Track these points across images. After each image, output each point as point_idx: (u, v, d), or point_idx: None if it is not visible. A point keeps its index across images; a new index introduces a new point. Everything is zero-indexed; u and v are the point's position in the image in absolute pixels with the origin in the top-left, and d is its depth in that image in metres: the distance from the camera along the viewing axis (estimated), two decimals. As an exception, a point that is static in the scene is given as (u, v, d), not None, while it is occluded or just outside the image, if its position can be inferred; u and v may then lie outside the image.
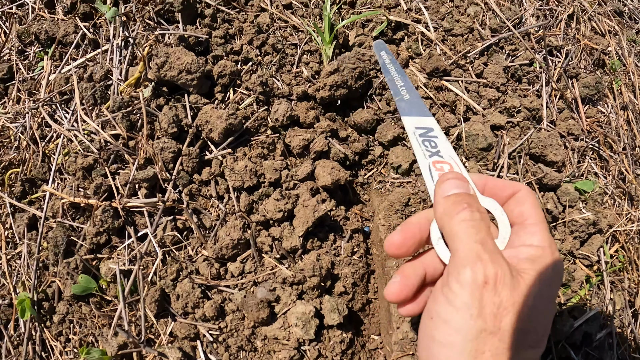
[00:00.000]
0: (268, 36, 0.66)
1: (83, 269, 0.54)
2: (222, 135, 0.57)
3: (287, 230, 0.54)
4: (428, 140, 0.35)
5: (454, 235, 0.29)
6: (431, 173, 0.34)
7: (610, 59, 0.91)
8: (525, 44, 0.74)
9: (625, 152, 0.79)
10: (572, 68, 0.78)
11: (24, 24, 0.79)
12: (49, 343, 0.56)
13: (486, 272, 0.26)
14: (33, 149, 0.64)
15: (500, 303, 0.26)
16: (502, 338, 0.26)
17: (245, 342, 0.51)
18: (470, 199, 0.30)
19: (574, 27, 0.88)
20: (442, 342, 0.27)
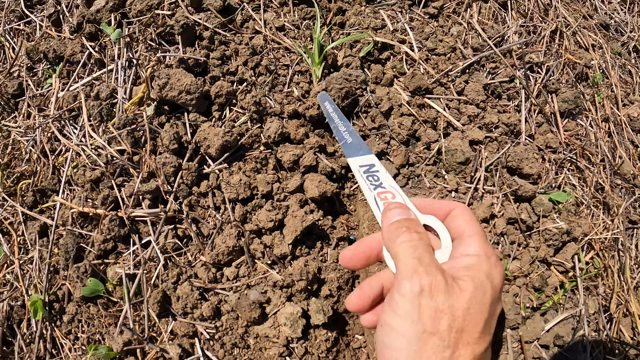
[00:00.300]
0: (262, 57, 0.74)
1: (91, 272, 0.62)
2: (219, 151, 0.65)
3: (278, 238, 0.62)
4: (371, 175, 0.42)
5: (395, 256, 0.35)
6: (377, 203, 0.40)
7: (593, 73, 0.98)
8: (506, 62, 0.82)
9: (604, 163, 0.86)
10: (552, 83, 0.86)
11: (31, 41, 0.88)
12: (59, 341, 0.64)
13: (421, 282, 0.32)
14: (43, 161, 0.73)
15: (437, 307, 0.31)
16: (442, 337, 0.31)
17: (239, 339, 0.59)
18: (409, 222, 0.36)
19: (557, 42, 0.96)
20: (391, 346, 0.32)
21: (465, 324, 0.32)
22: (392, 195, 0.40)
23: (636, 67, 1.10)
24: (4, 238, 0.71)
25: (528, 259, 0.70)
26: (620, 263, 0.78)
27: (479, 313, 0.32)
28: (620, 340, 0.74)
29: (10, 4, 0.96)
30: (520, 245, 0.71)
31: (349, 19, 0.81)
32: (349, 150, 0.45)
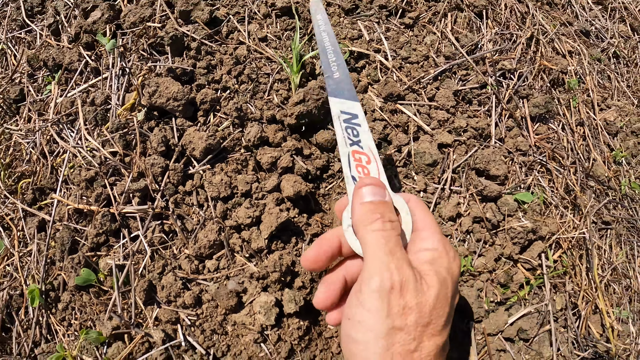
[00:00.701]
0: (245, 67, 0.84)
1: (85, 263, 0.71)
2: (203, 153, 0.75)
3: (255, 234, 0.72)
4: (351, 128, 0.38)
5: (365, 244, 0.35)
6: (349, 163, 0.37)
7: (569, 78, 1.07)
8: (477, 69, 0.91)
9: (575, 166, 0.95)
10: (524, 89, 0.95)
11: (32, 49, 0.99)
12: (54, 327, 0.73)
13: (392, 280, 0.33)
14: (42, 162, 0.83)
15: (405, 304, 0.33)
16: (408, 331, 0.33)
17: (217, 326, 0.68)
18: (384, 208, 0.36)
19: (533, 49, 1.05)
20: (358, 340, 0.34)
21: (431, 319, 0.34)
22: (368, 159, 0.37)
23: (615, 73, 1.18)
24: (5, 233, 0.81)
25: (494, 255, 0.78)
26: (589, 261, 0.86)
27: (443, 308, 0.35)
28: (589, 336, 0.81)
29: (12, 13, 1.07)
30: (487, 242, 0.80)
31: (329, 30, 0.91)
32: (333, 87, 0.40)
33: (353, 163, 0.38)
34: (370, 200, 0.37)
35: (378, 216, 0.36)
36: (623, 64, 1.22)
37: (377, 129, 0.80)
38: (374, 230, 0.36)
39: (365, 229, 0.36)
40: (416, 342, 0.34)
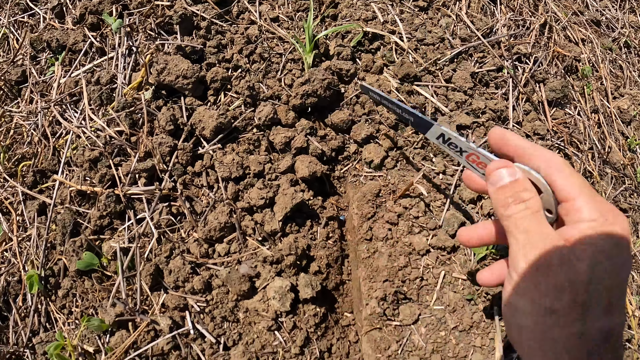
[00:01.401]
0: (256, 46, 0.80)
1: (87, 247, 0.66)
2: (213, 133, 0.70)
3: (268, 216, 0.67)
4: (449, 144, 0.46)
5: (506, 230, 0.33)
6: (473, 167, 0.44)
7: (583, 66, 1.04)
8: (494, 52, 0.88)
9: (592, 152, 0.91)
10: (540, 73, 0.91)
11: (35, 32, 0.94)
12: (53, 315, 0.68)
13: (534, 259, 0.30)
14: (44, 143, 0.78)
15: (555, 283, 0.29)
16: (565, 313, 0.29)
17: (229, 313, 0.63)
18: (514, 189, 0.34)
19: (547, 35, 1.02)
20: (519, 325, 0.31)
21: (589, 297, 0.29)
22: (477, 156, 0.44)
23: (627, 62, 1.15)
24: (4, 217, 0.75)
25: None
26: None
27: (602, 283, 0.29)
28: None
29: (16, -2, 1.03)
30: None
31: (341, 11, 0.87)
32: (417, 127, 0.51)
33: (475, 165, 0.44)
34: (500, 186, 0.36)
35: (510, 200, 0.35)
36: (634, 54, 1.19)
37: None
38: (508, 217, 0.34)
39: (502, 216, 0.35)
40: (577, 325, 0.29)
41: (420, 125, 0.51)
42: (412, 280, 0.67)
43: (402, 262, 0.67)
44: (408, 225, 0.70)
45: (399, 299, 0.66)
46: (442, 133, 0.47)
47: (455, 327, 0.66)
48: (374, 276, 0.67)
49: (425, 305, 0.67)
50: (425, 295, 0.67)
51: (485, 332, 0.68)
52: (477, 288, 0.68)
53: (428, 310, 0.66)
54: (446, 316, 0.66)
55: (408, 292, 0.66)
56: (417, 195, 0.71)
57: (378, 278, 0.66)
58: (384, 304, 0.65)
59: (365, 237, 0.69)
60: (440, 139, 0.48)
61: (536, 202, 0.34)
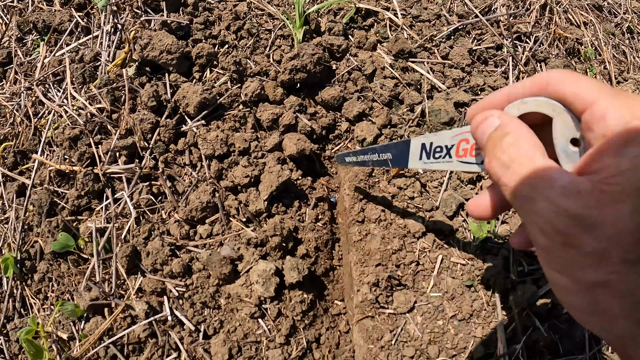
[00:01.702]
0: (244, 22, 0.74)
1: (63, 228, 0.60)
2: (197, 109, 0.64)
3: (253, 195, 0.60)
4: (433, 153, 0.37)
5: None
6: (466, 163, 0.34)
7: (585, 48, 0.96)
8: (493, 30, 0.81)
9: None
10: (541, 52, 0.84)
11: (24, 16, 0.90)
12: (29, 300, 0.62)
13: (553, 234, 0.22)
14: (26, 123, 0.72)
15: (592, 253, 0.21)
16: (618, 281, 0.21)
17: (209, 299, 0.56)
18: (498, 137, 0.26)
19: (547, 16, 0.95)
20: (567, 303, 0.25)
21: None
22: (466, 140, 0.33)
23: (630, 48, 1.08)
24: (-18, 199, 0.70)
25: (518, 221, 0.67)
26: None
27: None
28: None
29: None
30: (511, 209, 0.68)
31: (334, -11, 0.81)
32: (399, 163, 0.42)
33: (469, 157, 0.35)
34: (486, 138, 0.28)
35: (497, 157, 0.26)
36: (637, 40, 1.11)
37: (387, 86, 0.69)
38: (497, 180, 0.26)
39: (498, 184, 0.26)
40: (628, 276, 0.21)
41: (399, 154, 0.42)
42: (407, 264, 0.60)
43: (396, 245, 0.60)
44: (403, 206, 0.63)
45: (393, 285, 0.59)
46: (422, 142, 0.38)
47: (454, 315, 0.59)
48: (365, 260, 0.60)
49: (421, 292, 0.60)
50: (421, 281, 0.60)
51: (486, 321, 0.61)
52: (478, 274, 0.61)
53: (424, 297, 0.59)
54: (444, 304, 0.59)
55: (403, 278, 0.59)
56: (413, 174, 0.65)
57: (370, 262, 0.59)
58: (377, 290, 0.58)
59: (357, 218, 0.62)
60: (423, 152, 0.39)
61: (529, 140, 0.25)
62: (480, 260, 0.63)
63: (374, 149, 0.48)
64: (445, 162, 0.37)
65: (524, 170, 0.24)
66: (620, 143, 0.21)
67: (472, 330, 0.60)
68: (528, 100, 0.27)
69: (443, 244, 0.62)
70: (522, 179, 0.24)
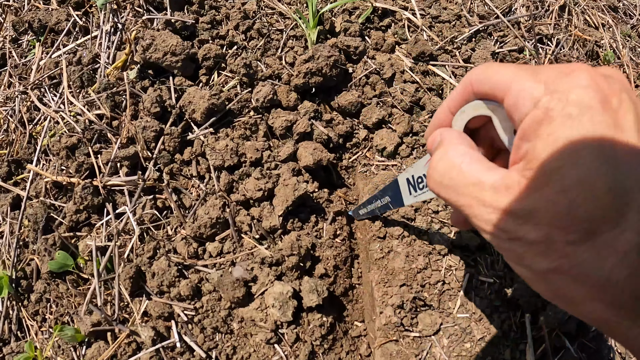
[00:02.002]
0: (254, 22, 0.66)
1: (61, 245, 0.53)
2: (205, 115, 0.57)
3: (267, 210, 0.54)
4: (417, 186, 0.37)
5: None
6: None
7: (604, 51, 0.90)
8: (514, 32, 0.74)
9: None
10: (563, 55, 0.78)
11: (19, 15, 0.82)
12: (25, 322, 0.55)
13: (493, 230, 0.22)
14: (21, 130, 0.65)
15: (537, 240, 0.20)
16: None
17: (221, 323, 0.50)
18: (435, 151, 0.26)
19: (566, 18, 0.88)
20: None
21: (582, 232, 0.19)
22: None
23: (647, 49, 1.01)
24: (-25, 212, 0.63)
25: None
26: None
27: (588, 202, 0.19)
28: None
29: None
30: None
31: (348, -13, 0.74)
32: (397, 203, 0.42)
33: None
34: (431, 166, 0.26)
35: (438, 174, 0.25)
36: (653, 41, 1.05)
37: (408, 91, 0.63)
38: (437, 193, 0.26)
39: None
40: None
41: (394, 194, 0.42)
42: (432, 284, 0.54)
43: (422, 263, 0.54)
44: (427, 220, 0.56)
45: (418, 306, 0.53)
46: (407, 177, 0.38)
47: (482, 337, 0.53)
48: (389, 280, 0.54)
49: (447, 312, 0.54)
50: (447, 301, 0.54)
51: (515, 343, 0.55)
52: (506, 293, 0.55)
53: (451, 318, 0.53)
54: (471, 325, 0.53)
55: (428, 299, 0.53)
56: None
57: (394, 282, 0.53)
58: (401, 312, 0.52)
59: (378, 234, 0.56)
60: (410, 187, 0.38)
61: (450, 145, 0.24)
62: (509, 279, 0.57)
63: (375, 196, 0.48)
64: (428, 190, 0.36)
65: (453, 183, 0.23)
66: (533, 125, 0.19)
67: (500, 352, 0.54)
68: (465, 109, 0.26)
69: (470, 262, 0.56)
70: (454, 191, 0.23)
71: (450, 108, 0.28)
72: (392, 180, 0.43)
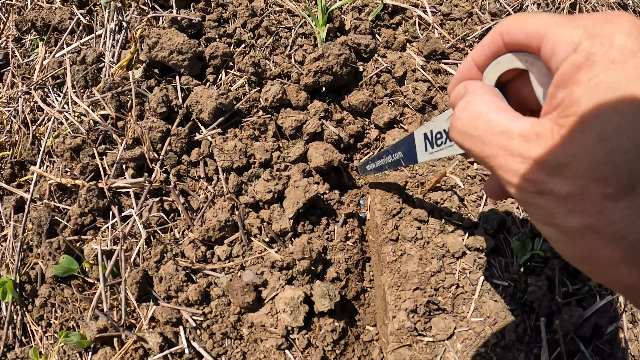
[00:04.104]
0: (262, 19, 0.64)
1: (66, 249, 0.52)
2: (212, 116, 0.55)
3: (277, 212, 0.52)
4: (435, 141, 0.35)
5: None
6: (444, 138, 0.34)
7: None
8: (526, 29, 0.72)
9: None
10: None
11: (22, 15, 0.80)
12: (30, 327, 0.54)
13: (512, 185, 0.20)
14: (24, 131, 0.63)
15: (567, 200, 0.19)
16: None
17: (230, 329, 0.48)
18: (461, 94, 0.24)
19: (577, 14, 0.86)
20: None
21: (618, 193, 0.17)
22: None
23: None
24: (-22, 214, 0.61)
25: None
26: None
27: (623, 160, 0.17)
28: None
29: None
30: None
31: (357, -16, 0.72)
32: (410, 160, 0.40)
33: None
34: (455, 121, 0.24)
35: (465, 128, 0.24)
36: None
37: (420, 90, 0.61)
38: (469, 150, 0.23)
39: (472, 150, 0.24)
40: None
41: (408, 150, 0.40)
42: (446, 288, 0.52)
43: (435, 266, 0.52)
44: (440, 222, 0.55)
45: (432, 310, 0.51)
46: (424, 132, 0.36)
47: (497, 342, 0.51)
48: (402, 283, 0.52)
49: (461, 316, 0.52)
50: (461, 305, 0.52)
51: (529, 347, 0.53)
52: (521, 296, 0.53)
53: (465, 322, 0.51)
54: (486, 329, 0.52)
55: (442, 302, 0.52)
56: (450, 187, 0.56)
57: (407, 286, 0.51)
58: (414, 316, 0.50)
59: (391, 237, 0.54)
60: (427, 142, 0.37)
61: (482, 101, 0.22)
62: (523, 282, 0.55)
63: (387, 151, 0.46)
64: (447, 147, 0.34)
65: (479, 132, 0.22)
66: (572, 70, 0.18)
67: (515, 357, 0.52)
68: (501, 60, 0.24)
69: (484, 264, 0.54)
70: (479, 140, 0.22)
71: (475, 61, 0.25)
72: (407, 135, 0.41)
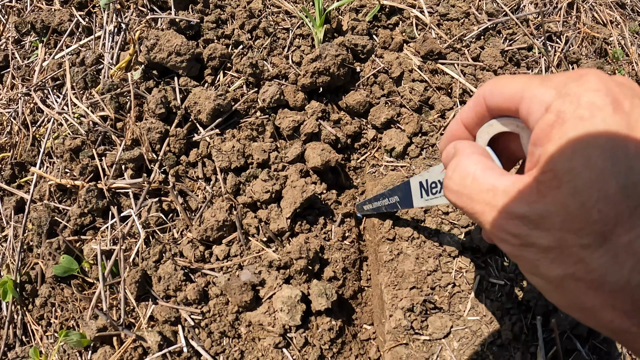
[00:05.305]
0: (260, 21, 0.65)
1: (66, 249, 0.52)
2: (211, 116, 0.56)
3: (275, 212, 0.52)
4: (430, 190, 0.37)
5: None
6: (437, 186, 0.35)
7: (613, 48, 0.88)
8: (524, 29, 0.72)
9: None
10: (573, 53, 0.76)
11: (22, 16, 0.80)
12: (30, 327, 0.54)
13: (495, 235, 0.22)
14: (24, 133, 0.64)
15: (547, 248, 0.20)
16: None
17: (228, 327, 0.49)
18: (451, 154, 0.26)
19: (574, 15, 0.86)
20: None
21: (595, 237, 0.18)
22: None
23: (656, 46, 0.99)
24: (-22, 215, 0.62)
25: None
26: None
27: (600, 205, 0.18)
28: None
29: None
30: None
31: (354, -15, 0.72)
32: (406, 204, 0.41)
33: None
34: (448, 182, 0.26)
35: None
36: (661, 38, 1.02)
37: (417, 90, 0.61)
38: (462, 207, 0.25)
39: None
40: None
41: (404, 195, 0.42)
42: (442, 286, 0.53)
43: (432, 265, 0.52)
44: (437, 222, 0.55)
45: (428, 309, 0.52)
46: (420, 181, 0.38)
47: (493, 340, 0.52)
48: (398, 282, 0.52)
49: (457, 315, 0.52)
50: (457, 304, 0.53)
51: (526, 345, 0.53)
52: (517, 295, 0.54)
53: (461, 321, 0.52)
54: (482, 328, 0.52)
55: (438, 301, 0.52)
56: (447, 187, 0.57)
57: (404, 285, 0.52)
58: (411, 315, 0.51)
59: (387, 236, 0.54)
60: (422, 190, 0.38)
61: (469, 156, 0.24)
62: (519, 280, 0.55)
63: (383, 194, 0.48)
64: (442, 196, 0.36)
65: (468, 190, 0.23)
66: (545, 129, 0.19)
67: (511, 355, 0.53)
68: (493, 122, 0.26)
69: (480, 263, 0.55)
70: (468, 198, 0.23)
71: (463, 121, 0.27)
72: (403, 181, 0.42)
